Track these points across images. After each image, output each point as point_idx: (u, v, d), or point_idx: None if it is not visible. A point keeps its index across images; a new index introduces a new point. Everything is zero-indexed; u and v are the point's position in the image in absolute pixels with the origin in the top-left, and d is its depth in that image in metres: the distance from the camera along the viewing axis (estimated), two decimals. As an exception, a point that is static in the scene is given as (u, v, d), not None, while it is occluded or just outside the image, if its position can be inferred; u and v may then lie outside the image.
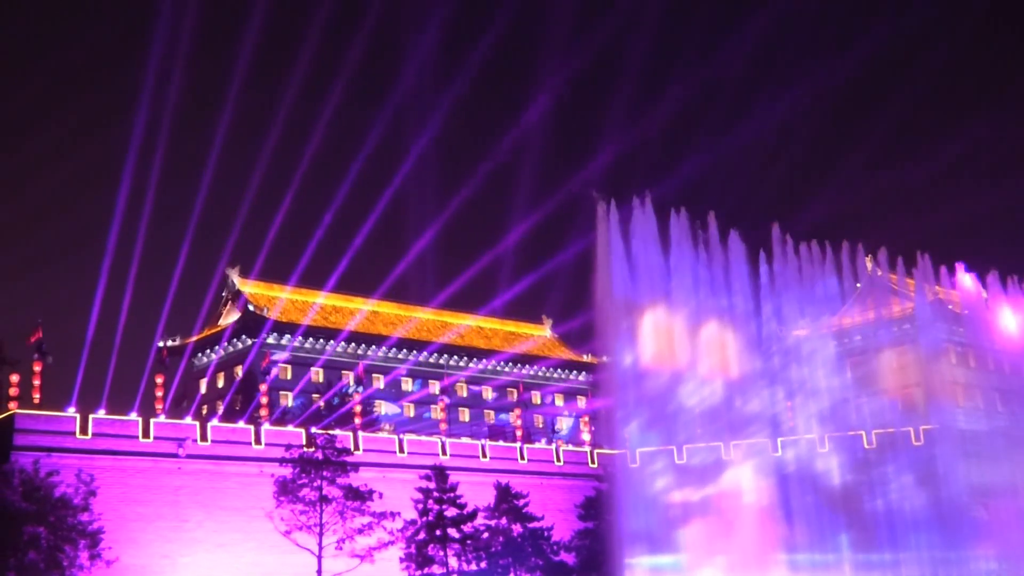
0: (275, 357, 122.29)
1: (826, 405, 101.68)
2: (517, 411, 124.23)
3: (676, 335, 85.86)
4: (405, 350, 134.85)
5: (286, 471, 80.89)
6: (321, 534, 78.81)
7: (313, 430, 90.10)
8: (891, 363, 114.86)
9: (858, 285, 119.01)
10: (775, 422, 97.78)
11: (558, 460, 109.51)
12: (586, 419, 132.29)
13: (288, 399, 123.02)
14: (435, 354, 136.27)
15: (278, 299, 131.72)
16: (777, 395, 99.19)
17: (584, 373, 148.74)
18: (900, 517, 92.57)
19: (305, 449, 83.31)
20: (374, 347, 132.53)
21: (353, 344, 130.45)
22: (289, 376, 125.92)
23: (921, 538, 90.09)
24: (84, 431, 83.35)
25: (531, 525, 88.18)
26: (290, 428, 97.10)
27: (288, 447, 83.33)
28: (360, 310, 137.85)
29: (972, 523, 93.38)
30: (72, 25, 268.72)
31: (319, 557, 78.61)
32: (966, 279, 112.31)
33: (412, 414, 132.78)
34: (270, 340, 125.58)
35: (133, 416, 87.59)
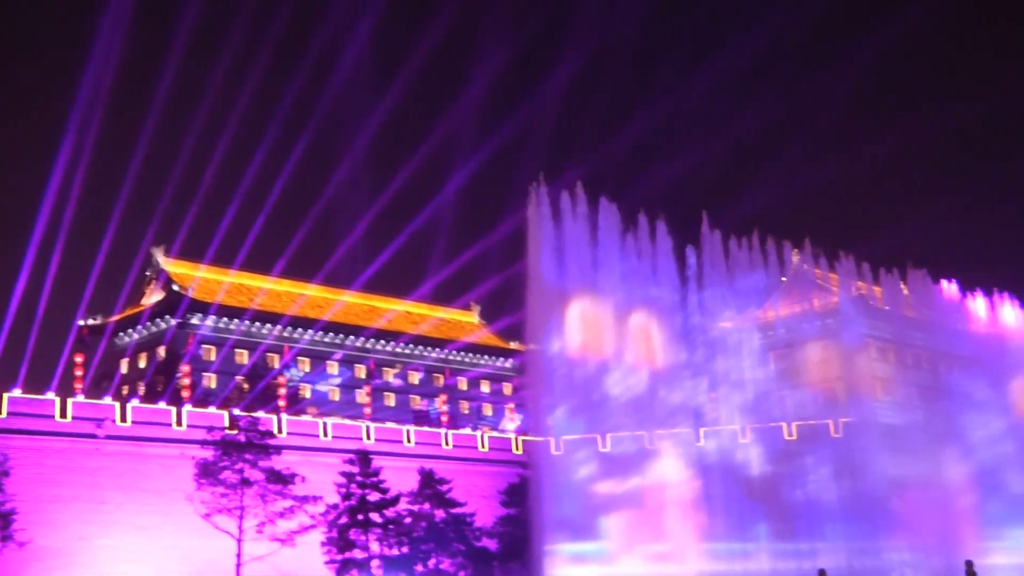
0: (198, 338, 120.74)
1: (749, 397, 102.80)
2: (443, 397, 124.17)
3: (603, 324, 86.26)
4: (332, 334, 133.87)
5: (208, 453, 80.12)
6: (242, 517, 78.20)
7: (236, 412, 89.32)
8: (814, 356, 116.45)
9: (784, 279, 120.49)
10: (698, 413, 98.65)
11: (483, 446, 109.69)
12: (512, 406, 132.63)
13: (211, 381, 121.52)
14: (362, 338, 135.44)
15: (203, 280, 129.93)
16: (701, 386, 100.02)
17: (511, 360, 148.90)
18: (818, 508, 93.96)
19: (228, 431, 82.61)
20: (301, 330, 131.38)
21: (280, 327, 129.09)
22: (213, 357, 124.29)
23: (838, 528, 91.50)
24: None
25: (454, 511, 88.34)
26: (212, 410, 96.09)
27: (210, 429, 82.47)
28: (288, 293, 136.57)
29: (887, 515, 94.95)
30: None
31: (239, 540, 77.98)
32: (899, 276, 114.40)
33: (337, 398, 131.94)
34: (194, 321, 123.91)
35: (50, 395, 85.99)
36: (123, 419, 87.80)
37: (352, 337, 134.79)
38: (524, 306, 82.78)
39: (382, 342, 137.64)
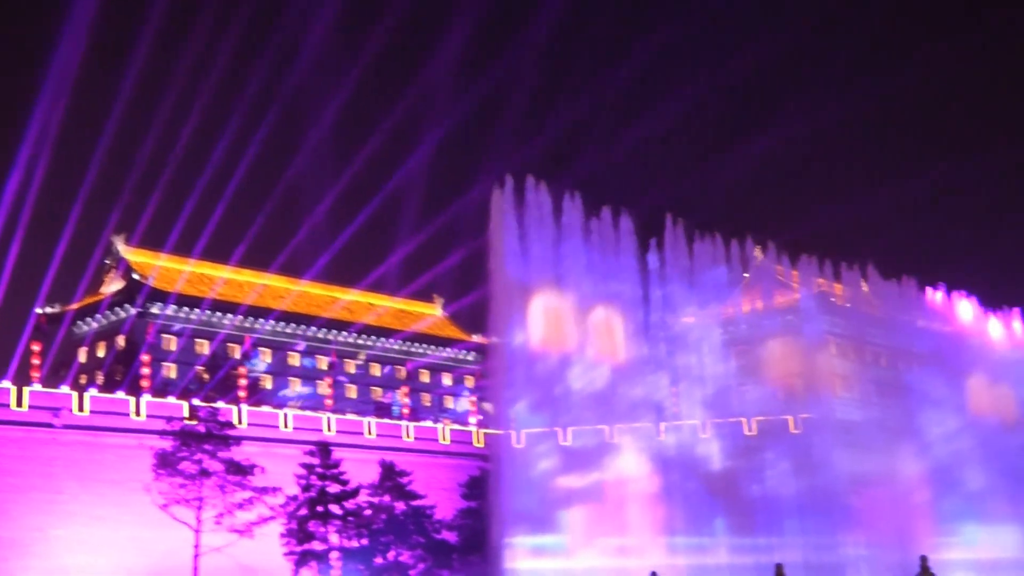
0: (158, 327, 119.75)
1: (710, 392, 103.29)
2: (405, 389, 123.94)
3: (565, 319, 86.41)
4: (294, 324, 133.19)
5: (166, 444, 79.51)
6: (200, 508, 77.71)
7: (196, 402, 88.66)
8: (774, 352, 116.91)
9: (746, 275, 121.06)
10: (659, 407, 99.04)
11: (444, 439, 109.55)
12: (474, 399, 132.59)
13: (171, 371, 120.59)
14: (324, 329, 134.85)
15: (164, 269, 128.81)
16: (662, 381, 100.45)
17: (474, 353, 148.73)
18: (776, 503, 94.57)
19: (187, 422, 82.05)
20: (262, 320, 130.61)
21: (240, 317, 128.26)
22: (173, 347, 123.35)
23: (796, 524, 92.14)
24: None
25: (414, 503, 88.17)
26: (172, 400, 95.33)
27: (169, 419, 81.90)
28: (249, 282, 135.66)
29: (845, 510, 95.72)
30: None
31: (197, 531, 77.49)
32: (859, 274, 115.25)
33: (298, 389, 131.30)
34: (154, 310, 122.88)
35: (6, 384, 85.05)
36: (80, 408, 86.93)
37: (314, 327, 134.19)
38: (487, 299, 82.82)
39: (344, 333, 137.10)
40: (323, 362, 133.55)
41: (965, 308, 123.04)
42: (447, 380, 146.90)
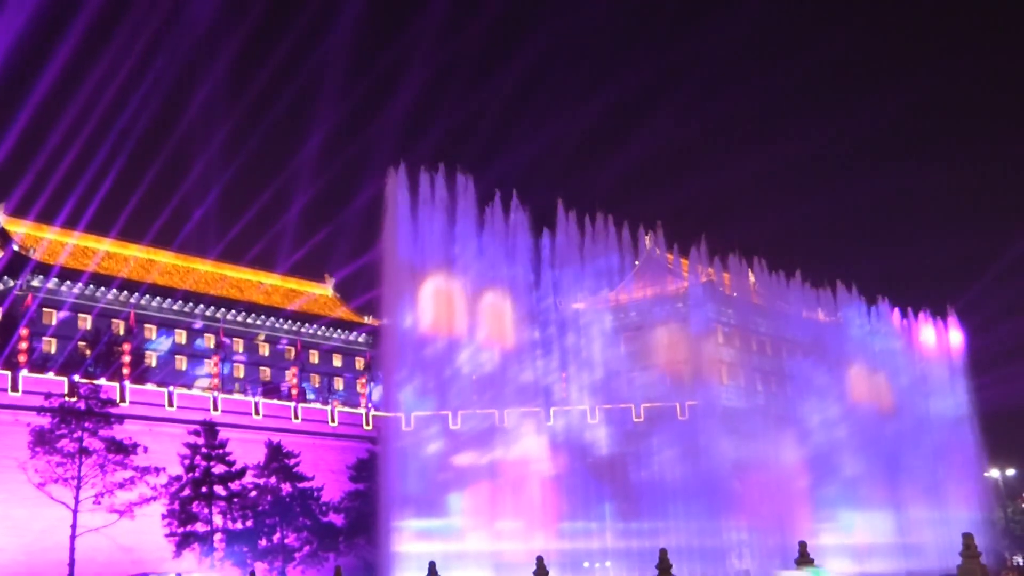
0: (39, 301, 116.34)
1: (599, 377, 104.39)
2: (294, 369, 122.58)
3: (456, 302, 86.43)
4: (181, 302, 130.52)
5: (44, 420, 77.36)
6: (79, 487, 75.88)
7: (77, 379, 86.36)
8: (663, 339, 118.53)
9: (636, 263, 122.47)
10: (548, 392, 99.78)
11: (332, 421, 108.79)
12: (363, 380, 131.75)
13: (52, 346, 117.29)
14: (212, 307, 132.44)
15: (48, 241, 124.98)
16: (552, 365, 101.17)
17: (364, 334, 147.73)
18: (662, 488, 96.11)
19: (67, 399, 79.89)
20: (148, 296, 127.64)
21: (126, 292, 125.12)
22: (54, 322, 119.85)
23: (680, 508, 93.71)
24: None
25: (301, 485, 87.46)
26: (51, 376, 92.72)
27: (48, 396, 79.69)
28: (135, 257, 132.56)
29: (728, 495, 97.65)
30: None
31: (75, 511, 75.67)
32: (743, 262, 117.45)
33: (184, 367, 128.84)
34: (35, 283, 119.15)
35: None
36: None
37: (202, 306, 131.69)
38: (379, 280, 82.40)
39: (233, 312, 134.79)
40: (211, 340, 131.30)
41: (847, 300, 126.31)
42: (337, 361, 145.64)
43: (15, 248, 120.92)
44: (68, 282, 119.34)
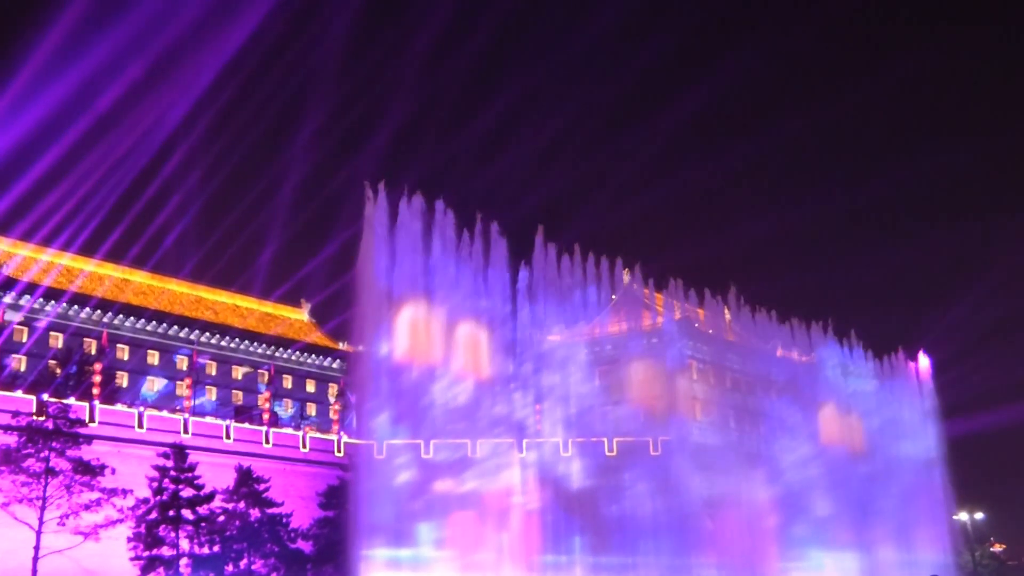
0: (8, 317, 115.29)
1: (573, 411, 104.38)
2: (267, 394, 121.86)
3: (432, 331, 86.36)
4: (155, 322, 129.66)
5: (11, 439, 76.40)
6: (44, 508, 74.75)
7: (45, 398, 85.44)
8: (638, 374, 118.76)
9: (613, 297, 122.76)
10: (522, 424, 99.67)
11: (304, 446, 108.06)
12: (337, 407, 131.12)
13: (21, 363, 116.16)
14: (186, 329, 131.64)
15: (18, 256, 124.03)
16: (527, 398, 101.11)
17: (339, 361, 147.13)
18: (633, 523, 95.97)
19: (35, 418, 78.94)
20: (121, 316, 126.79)
21: (99, 311, 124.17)
22: (24, 339, 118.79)
23: (651, 544, 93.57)
24: None
25: (270, 511, 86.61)
26: (19, 394, 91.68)
27: (15, 414, 78.70)
28: (111, 277, 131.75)
29: (699, 531, 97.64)
30: None
31: (39, 532, 74.55)
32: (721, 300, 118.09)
33: (156, 389, 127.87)
34: (6, 299, 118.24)
35: None
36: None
37: (176, 327, 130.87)
38: (355, 308, 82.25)
39: (207, 334, 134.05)
40: (183, 363, 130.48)
41: (821, 340, 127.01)
42: (311, 387, 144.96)
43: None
44: (40, 299, 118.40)
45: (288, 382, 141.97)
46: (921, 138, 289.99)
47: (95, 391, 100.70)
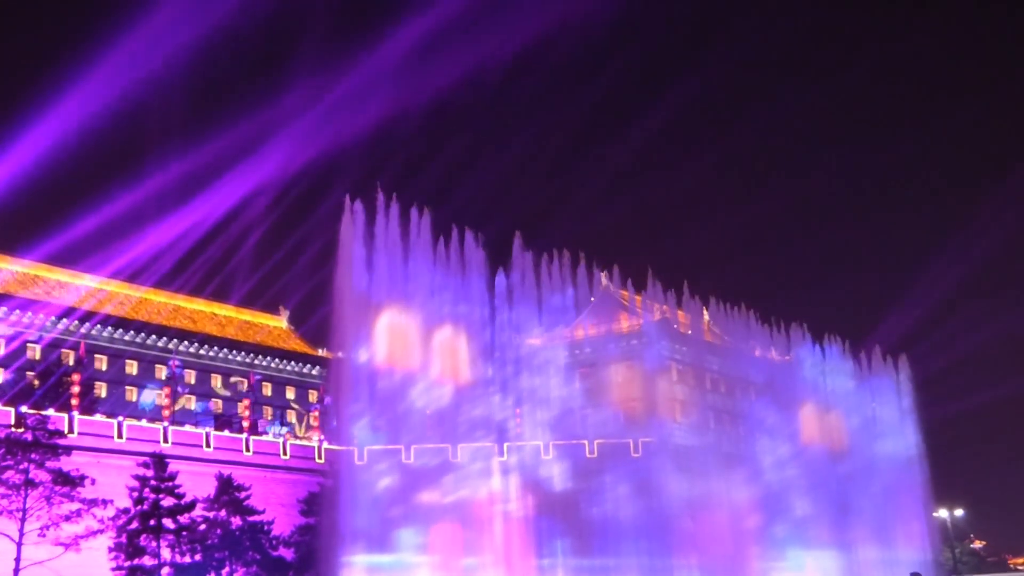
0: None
1: (554, 413, 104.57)
2: (246, 402, 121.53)
3: (411, 337, 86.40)
4: (132, 332, 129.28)
5: (-10, 452, 76.02)
6: (23, 520, 74.44)
7: (24, 409, 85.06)
8: (618, 376, 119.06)
9: (592, 299, 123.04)
10: (502, 427, 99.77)
11: (284, 454, 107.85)
12: (316, 414, 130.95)
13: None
14: (164, 338, 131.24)
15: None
16: (507, 401, 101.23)
17: (318, 367, 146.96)
18: (615, 525, 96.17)
19: (14, 429, 78.59)
20: (99, 326, 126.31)
21: (76, 322, 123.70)
22: (1, 351, 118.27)
23: (633, 545, 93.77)
24: None
25: (251, 519, 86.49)
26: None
27: (-6, 426, 78.37)
28: (88, 287, 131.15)
29: (680, 532, 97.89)
30: None
31: (19, 544, 74.23)
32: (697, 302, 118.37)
33: (135, 398, 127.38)
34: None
35: None
36: None
37: (154, 336, 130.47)
38: (333, 314, 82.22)
39: (185, 342, 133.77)
40: (162, 371, 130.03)
41: (800, 340, 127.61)
42: (290, 394, 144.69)
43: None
44: (17, 311, 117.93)
45: (268, 389, 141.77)
46: (868, 131, 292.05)
47: (74, 402, 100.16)
